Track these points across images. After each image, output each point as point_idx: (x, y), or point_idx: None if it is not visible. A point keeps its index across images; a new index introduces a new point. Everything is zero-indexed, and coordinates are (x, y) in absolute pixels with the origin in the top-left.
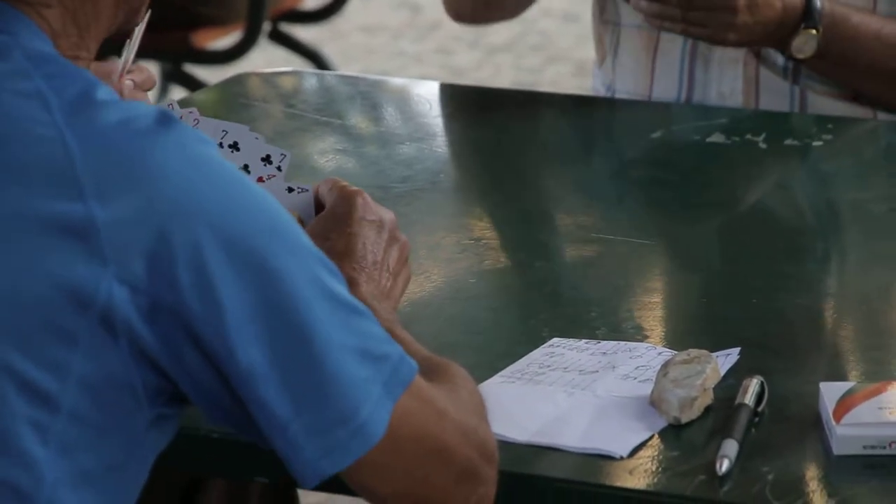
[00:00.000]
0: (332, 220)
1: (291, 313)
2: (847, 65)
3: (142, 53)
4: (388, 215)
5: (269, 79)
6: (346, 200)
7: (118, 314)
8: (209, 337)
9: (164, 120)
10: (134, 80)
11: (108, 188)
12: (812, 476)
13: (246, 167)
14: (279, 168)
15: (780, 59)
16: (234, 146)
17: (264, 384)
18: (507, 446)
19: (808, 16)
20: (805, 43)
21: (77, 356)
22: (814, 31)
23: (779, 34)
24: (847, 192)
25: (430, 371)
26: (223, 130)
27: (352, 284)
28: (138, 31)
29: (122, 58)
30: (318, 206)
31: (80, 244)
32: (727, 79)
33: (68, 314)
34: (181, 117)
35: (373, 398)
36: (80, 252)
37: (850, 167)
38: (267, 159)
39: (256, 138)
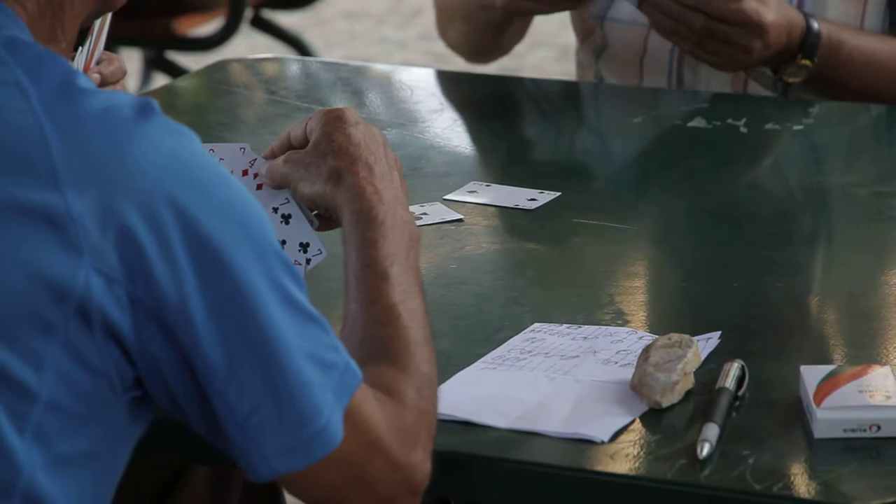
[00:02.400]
0: (325, 132)
1: (249, 314)
2: (838, 87)
3: (124, 40)
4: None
5: (251, 65)
6: (333, 112)
7: (94, 304)
8: (180, 330)
9: (145, 110)
10: (101, 73)
11: (84, 178)
12: (793, 459)
13: (283, 242)
14: (308, 261)
15: (768, 71)
16: (286, 219)
17: (226, 378)
18: (488, 432)
19: (804, 48)
20: (798, 70)
21: (54, 346)
22: (808, 63)
23: (776, 60)
24: (829, 175)
25: (390, 366)
26: (285, 198)
27: (376, 193)
28: (103, 18)
29: (86, 47)
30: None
31: (57, 234)
32: (715, 83)
33: (46, 304)
34: (246, 154)
35: (328, 403)
36: (57, 242)
37: (832, 151)
38: (304, 247)
39: (311, 222)
